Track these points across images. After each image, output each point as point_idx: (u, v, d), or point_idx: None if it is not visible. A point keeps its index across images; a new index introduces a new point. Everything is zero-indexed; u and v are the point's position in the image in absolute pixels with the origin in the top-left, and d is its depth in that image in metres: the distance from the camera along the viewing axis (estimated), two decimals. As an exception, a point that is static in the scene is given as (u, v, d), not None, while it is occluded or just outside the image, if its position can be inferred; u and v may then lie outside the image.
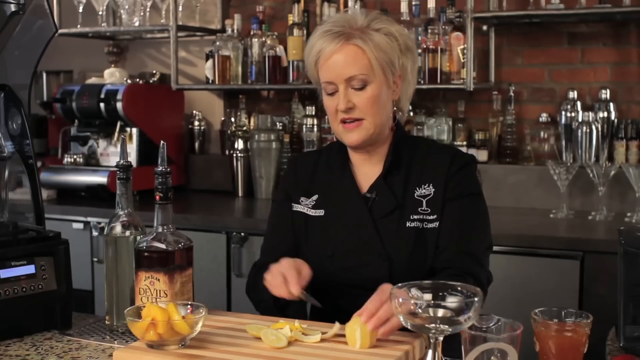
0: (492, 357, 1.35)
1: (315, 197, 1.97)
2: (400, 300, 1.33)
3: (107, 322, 1.80)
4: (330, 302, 1.82)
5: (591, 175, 3.31)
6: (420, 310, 1.34)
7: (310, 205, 1.97)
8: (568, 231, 3.15)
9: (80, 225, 3.64)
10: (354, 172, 1.97)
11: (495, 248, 2.99)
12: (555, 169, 3.35)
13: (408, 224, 1.87)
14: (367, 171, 1.96)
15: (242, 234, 3.33)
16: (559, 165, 3.35)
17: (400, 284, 1.39)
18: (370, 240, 1.87)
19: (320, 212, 1.95)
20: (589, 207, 3.40)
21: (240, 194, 3.98)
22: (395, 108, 1.96)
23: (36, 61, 1.88)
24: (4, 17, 1.85)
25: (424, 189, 1.89)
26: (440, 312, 1.35)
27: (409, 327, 1.35)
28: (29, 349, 1.67)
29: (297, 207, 1.99)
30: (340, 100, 1.85)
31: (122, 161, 1.79)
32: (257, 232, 3.32)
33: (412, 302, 1.33)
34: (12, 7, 1.82)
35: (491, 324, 1.41)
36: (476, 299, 1.32)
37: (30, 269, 1.77)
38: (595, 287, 2.83)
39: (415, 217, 1.87)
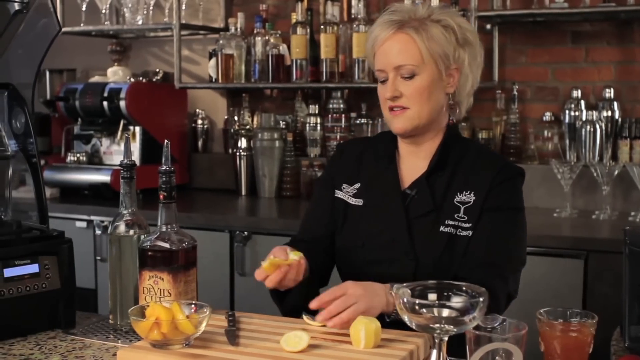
0: (497, 358, 1.35)
1: (357, 185, 1.98)
2: (405, 300, 1.33)
3: (110, 321, 1.80)
4: None
5: (595, 174, 3.30)
6: (424, 310, 1.34)
7: (351, 194, 1.98)
8: (572, 230, 3.14)
9: (84, 224, 3.64)
10: (400, 166, 1.97)
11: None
12: (559, 168, 3.34)
13: (442, 228, 1.86)
14: (412, 165, 1.95)
15: (245, 232, 3.33)
16: (563, 164, 3.34)
17: (405, 284, 1.39)
18: (400, 238, 1.87)
19: (359, 202, 1.96)
20: (593, 206, 3.39)
21: (243, 193, 3.98)
22: (452, 102, 1.94)
23: (40, 60, 1.88)
24: (8, 15, 1.85)
25: (465, 195, 1.87)
26: (445, 312, 1.35)
27: (414, 327, 1.34)
28: (32, 348, 1.66)
29: (338, 194, 2.00)
30: (387, 88, 1.87)
31: (125, 160, 1.79)
32: (260, 231, 3.33)
33: (417, 301, 1.32)
34: (16, 6, 1.83)
35: (496, 324, 1.40)
36: (481, 299, 1.31)
37: (34, 268, 1.76)
38: (599, 286, 2.82)
39: (451, 222, 1.86)
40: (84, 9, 4.15)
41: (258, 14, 3.96)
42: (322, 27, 3.69)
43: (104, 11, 4.15)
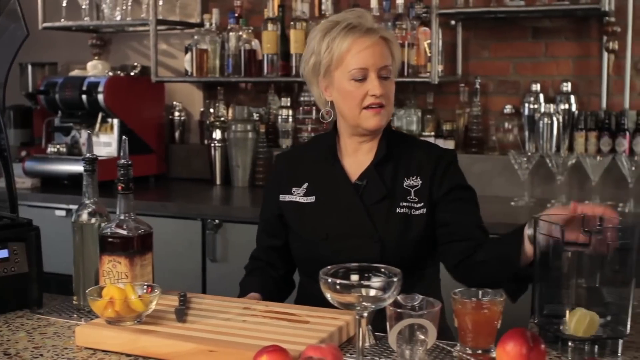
0: (417, 332, 1.51)
1: (305, 185, 2.13)
2: (329, 280, 1.48)
3: (74, 302, 1.95)
4: None
5: (550, 164, 3.47)
6: (354, 291, 1.49)
7: (301, 194, 2.13)
8: (526, 218, 3.29)
9: (63, 213, 3.78)
10: (343, 162, 2.13)
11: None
12: (516, 158, 3.50)
13: (397, 210, 2.05)
14: (355, 160, 2.13)
15: (217, 221, 3.48)
16: (521, 155, 3.50)
17: (329, 266, 1.54)
18: (363, 224, 2.04)
19: (311, 199, 2.11)
20: (549, 195, 3.56)
21: (218, 182, 4.13)
22: None
23: (10, 62, 2.01)
24: (-21, 21, 2.00)
25: (412, 180, 2.07)
26: (373, 292, 1.50)
27: (337, 306, 1.50)
28: (1, 326, 1.81)
29: (288, 198, 2.14)
30: (375, 85, 2.01)
31: (88, 154, 1.93)
32: (231, 219, 3.48)
33: (338, 282, 1.47)
34: (-14, 13, 1.97)
35: (415, 303, 1.56)
36: (395, 279, 1.47)
37: (3, 253, 1.91)
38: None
39: (404, 204, 2.05)
40: (64, 4, 4.28)
41: (233, 9, 4.10)
42: (292, 23, 3.84)
43: (84, 7, 4.28)
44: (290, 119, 4.05)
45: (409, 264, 2.01)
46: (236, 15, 4.06)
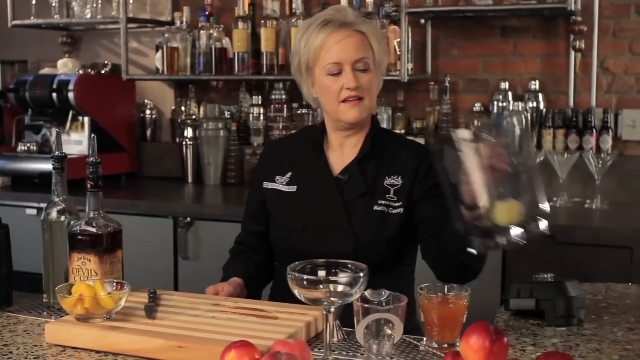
0: (384, 327, 1.53)
1: (289, 174, 2.17)
2: (296, 276, 1.50)
3: (44, 300, 1.95)
4: None
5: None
6: (321, 286, 1.51)
7: (284, 182, 2.16)
8: (494, 215, 3.34)
9: (34, 211, 3.76)
10: (328, 155, 2.16)
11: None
12: (485, 156, 3.53)
13: (375, 208, 2.07)
14: (340, 154, 2.15)
15: (188, 218, 3.48)
16: (489, 152, 3.53)
17: (298, 262, 1.56)
18: (339, 219, 2.07)
19: (292, 188, 2.15)
20: (518, 192, 3.59)
21: (189, 180, 4.14)
22: None
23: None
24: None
25: (393, 179, 2.09)
26: (340, 287, 1.52)
27: (305, 301, 1.52)
28: (-30, 324, 1.82)
29: (271, 185, 2.18)
30: (349, 78, 2.03)
31: (57, 152, 1.93)
32: (203, 217, 3.48)
33: (305, 277, 1.49)
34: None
35: (382, 298, 1.59)
36: (362, 274, 1.50)
37: (-28, 252, 1.92)
38: (517, 267, 3.02)
39: (382, 202, 2.08)
40: (34, 2, 4.26)
41: (203, 7, 4.11)
42: (262, 21, 3.85)
43: (54, 4, 4.26)
44: (262, 117, 4.06)
45: (382, 261, 2.04)
46: (207, 13, 4.07)
